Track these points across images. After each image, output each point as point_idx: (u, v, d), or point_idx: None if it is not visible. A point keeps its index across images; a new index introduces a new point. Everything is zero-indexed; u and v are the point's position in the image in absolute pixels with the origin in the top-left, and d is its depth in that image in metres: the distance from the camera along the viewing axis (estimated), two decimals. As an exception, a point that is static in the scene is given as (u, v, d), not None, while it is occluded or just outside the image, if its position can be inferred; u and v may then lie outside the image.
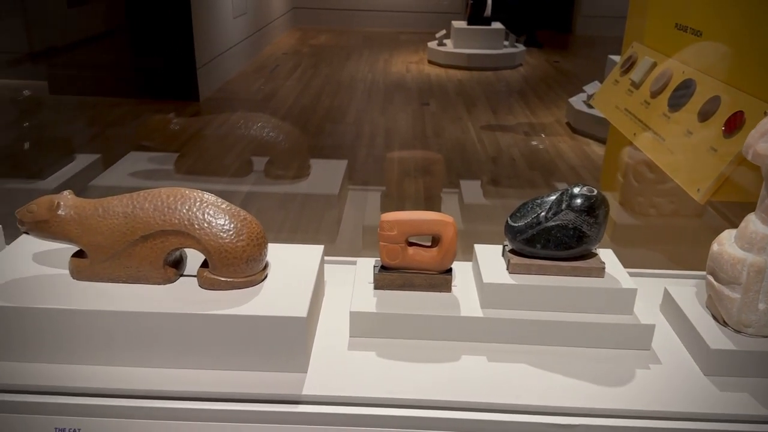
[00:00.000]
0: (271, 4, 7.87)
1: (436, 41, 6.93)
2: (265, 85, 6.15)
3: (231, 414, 0.98)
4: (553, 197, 1.15)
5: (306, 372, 1.05)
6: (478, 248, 1.24)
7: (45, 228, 1.06)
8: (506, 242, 1.19)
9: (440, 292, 1.18)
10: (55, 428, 0.98)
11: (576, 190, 1.14)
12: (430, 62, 6.85)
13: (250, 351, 1.04)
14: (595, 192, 1.13)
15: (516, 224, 1.15)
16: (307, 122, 4.79)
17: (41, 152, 2.01)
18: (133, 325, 1.02)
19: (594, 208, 1.12)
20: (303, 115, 4.99)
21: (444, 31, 6.98)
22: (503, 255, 1.20)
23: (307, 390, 1.01)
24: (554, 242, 1.13)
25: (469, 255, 1.29)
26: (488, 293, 1.13)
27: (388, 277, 1.18)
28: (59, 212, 1.06)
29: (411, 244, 1.17)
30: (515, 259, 1.15)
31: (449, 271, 1.18)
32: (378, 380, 1.04)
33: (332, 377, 1.05)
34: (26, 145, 1.91)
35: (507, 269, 1.16)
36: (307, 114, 5.02)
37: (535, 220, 1.14)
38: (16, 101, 1.90)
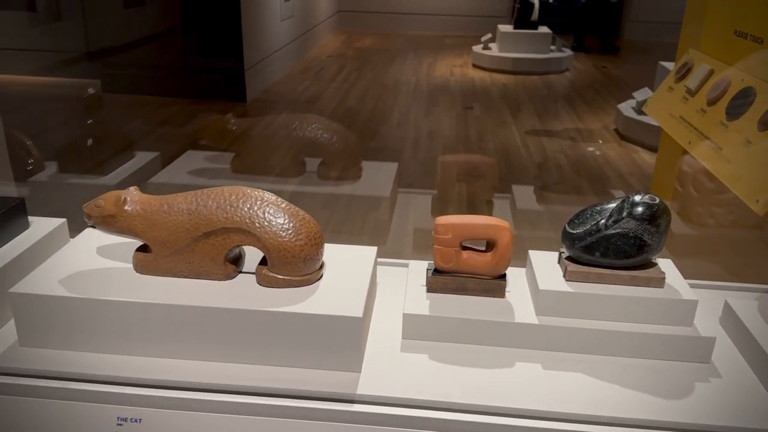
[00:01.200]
0: (318, 8, 7.96)
1: (482, 45, 6.90)
2: (310, 87, 6.22)
3: (287, 410, 1.00)
4: (614, 205, 1.14)
5: (360, 372, 1.06)
6: (533, 254, 1.23)
7: (111, 222, 1.09)
8: (563, 249, 1.18)
9: (494, 297, 1.17)
10: (117, 417, 1.01)
11: (637, 198, 1.12)
12: (474, 66, 6.82)
13: (306, 349, 1.05)
14: (657, 200, 1.11)
15: (574, 231, 1.14)
16: (351, 125, 4.83)
17: (103, 149, 2.07)
18: (194, 319, 1.04)
19: (656, 216, 1.10)
20: (347, 118, 5.03)
21: (490, 35, 6.94)
22: (559, 262, 1.19)
23: (362, 390, 1.02)
24: (614, 250, 1.11)
25: (520, 261, 1.28)
26: (544, 300, 1.12)
27: (442, 280, 1.18)
28: (126, 207, 1.09)
29: (465, 248, 1.17)
30: (572, 267, 1.14)
31: (503, 276, 1.17)
32: (432, 383, 1.04)
33: (386, 378, 1.05)
34: (89, 142, 1.98)
35: (564, 276, 1.15)
36: (351, 116, 5.06)
37: (594, 227, 1.12)
38: (81, 99, 1.97)
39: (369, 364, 1.08)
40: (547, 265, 1.19)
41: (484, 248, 1.17)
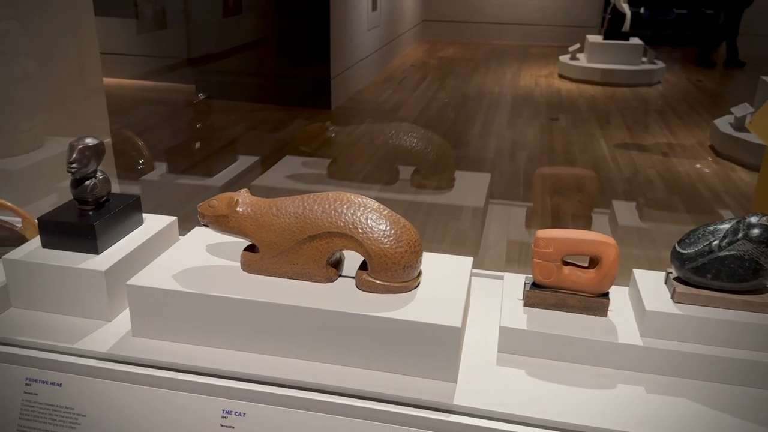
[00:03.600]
0: (403, 18, 8.03)
1: (569, 55, 6.75)
2: (393, 96, 6.28)
3: (385, 415, 1.01)
4: (728, 225, 1.09)
5: (456, 382, 1.06)
6: (638, 273, 1.19)
7: (223, 222, 1.14)
8: (670, 269, 1.14)
9: (595, 315, 1.14)
10: (222, 410, 1.05)
11: (754, 219, 1.07)
12: (560, 76, 6.68)
13: (402, 355, 1.06)
14: (777, 223, 1.05)
15: (685, 251, 1.10)
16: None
17: (209, 152, 2.17)
18: (297, 319, 1.07)
19: (776, 240, 1.04)
20: (429, 127, 5.04)
21: (578, 45, 6.79)
22: (666, 283, 1.15)
23: (458, 400, 1.02)
24: (727, 273, 1.06)
25: (621, 280, 1.24)
26: (650, 321, 1.08)
27: (540, 295, 1.16)
28: (237, 209, 1.14)
29: (566, 264, 1.15)
30: (681, 288, 1.10)
31: (606, 294, 1.14)
32: (528, 399, 1.03)
33: (482, 390, 1.05)
34: (197, 145, 2.08)
35: (672, 298, 1.10)
36: (433, 125, 5.06)
37: (706, 248, 1.08)
38: (191, 103, 2.08)
39: (465, 375, 1.08)
40: (653, 285, 1.15)
41: (586, 264, 1.15)
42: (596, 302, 1.14)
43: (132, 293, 1.13)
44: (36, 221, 1.28)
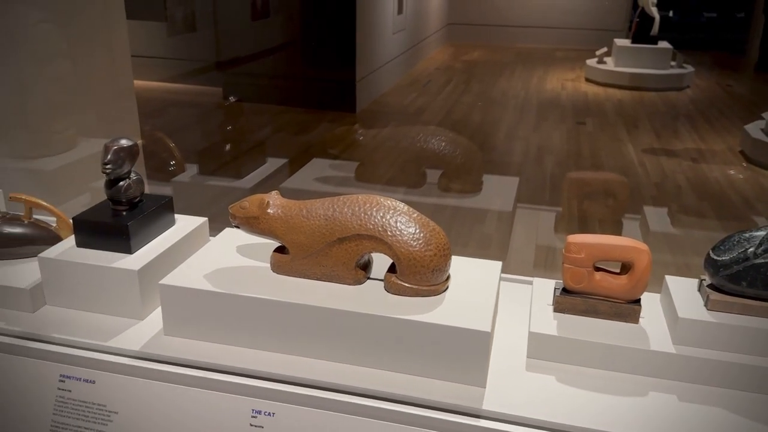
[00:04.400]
0: (429, 21, 8.03)
1: (596, 59, 6.68)
2: (417, 99, 6.27)
3: (413, 418, 1.01)
4: (764, 232, 1.07)
5: (485, 387, 1.05)
6: (670, 280, 1.18)
7: (254, 224, 1.16)
8: (704, 276, 1.12)
9: (626, 322, 1.13)
10: (252, 409, 1.06)
11: (792, 226, 1.05)
12: (587, 80, 6.62)
13: (430, 358, 1.06)
14: (816, 230, 1.03)
15: (719, 258, 1.08)
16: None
17: (238, 154, 2.20)
18: (326, 320, 1.08)
19: (815, 248, 1.02)
20: (453, 131, 5.02)
21: (605, 49, 6.71)
22: (699, 290, 1.13)
23: (487, 405, 1.01)
24: (762, 281, 1.04)
25: (652, 287, 1.23)
26: (683, 329, 1.06)
27: (571, 300, 1.15)
28: (268, 210, 1.15)
29: (598, 269, 1.14)
30: (715, 296, 1.08)
31: (638, 301, 1.12)
32: (558, 406, 1.02)
33: (511, 396, 1.04)
34: (227, 147, 2.11)
35: (705, 305, 1.09)
36: (458, 129, 5.05)
37: (741, 255, 1.06)
38: (222, 107, 2.10)
39: (493, 380, 1.07)
40: (685, 292, 1.14)
41: (618, 270, 1.13)
42: (628, 309, 1.12)
43: (165, 292, 1.14)
44: (71, 221, 1.31)
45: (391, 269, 1.14)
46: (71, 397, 1.14)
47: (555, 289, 1.18)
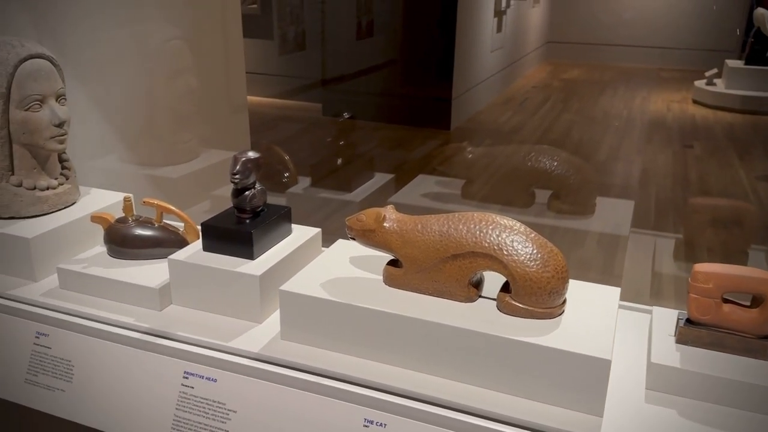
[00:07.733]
0: (527, 39, 7.94)
1: (705, 80, 6.37)
2: (513, 118, 6.19)
3: (527, 442, 0.99)
4: None
5: (602, 417, 1.02)
6: (807, 317, 1.10)
7: (370, 236, 1.18)
8: None
9: (756, 358, 1.07)
10: (365, 419, 1.08)
11: None
12: (695, 102, 6.31)
13: (545, 382, 1.04)
14: None
15: None
16: (555, 157, 4.71)
17: (348, 168, 2.27)
18: (438, 336, 1.09)
19: None
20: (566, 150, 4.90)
21: (715, 70, 6.38)
22: (843, 329, 1.05)
23: (605, 435, 0.98)
24: None
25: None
26: (825, 370, 0.99)
27: (695, 332, 1.10)
28: (385, 224, 1.17)
29: (726, 301, 1.08)
30: None
31: (770, 337, 1.06)
32: (681, 441, 0.97)
33: (630, 428, 1.00)
34: (339, 161, 2.18)
35: None
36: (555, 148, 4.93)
37: None
38: (336, 123, 2.18)
39: (611, 409, 1.04)
40: (826, 331, 1.06)
41: (748, 303, 1.07)
42: (759, 344, 1.06)
43: (284, 298, 1.19)
44: (198, 226, 1.39)
45: (504, 288, 1.13)
46: (194, 393, 1.20)
47: (678, 319, 1.13)
